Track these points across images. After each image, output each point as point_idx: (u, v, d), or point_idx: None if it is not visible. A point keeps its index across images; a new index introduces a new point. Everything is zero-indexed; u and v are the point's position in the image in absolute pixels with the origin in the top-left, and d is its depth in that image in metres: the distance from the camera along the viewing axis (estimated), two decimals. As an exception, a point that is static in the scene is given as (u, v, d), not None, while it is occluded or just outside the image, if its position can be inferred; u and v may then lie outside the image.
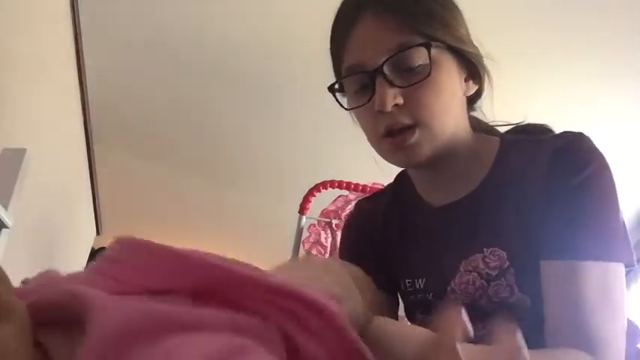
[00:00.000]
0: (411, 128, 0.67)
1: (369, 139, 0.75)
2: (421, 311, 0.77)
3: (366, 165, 1.03)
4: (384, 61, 0.66)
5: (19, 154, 1.23)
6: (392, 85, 0.66)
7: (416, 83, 0.66)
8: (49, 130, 1.76)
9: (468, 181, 0.74)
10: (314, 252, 1.99)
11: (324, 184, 2.00)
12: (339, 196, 2.03)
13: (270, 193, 3.20)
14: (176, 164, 2.99)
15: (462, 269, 0.71)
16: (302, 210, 2.01)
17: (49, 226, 1.95)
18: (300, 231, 2.01)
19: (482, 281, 0.69)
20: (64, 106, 1.99)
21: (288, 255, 2.01)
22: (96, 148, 2.57)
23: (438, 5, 0.70)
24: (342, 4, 0.76)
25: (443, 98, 0.68)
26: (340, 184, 1.99)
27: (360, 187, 1.99)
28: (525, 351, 0.37)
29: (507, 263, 0.67)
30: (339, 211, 1.99)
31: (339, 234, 2.01)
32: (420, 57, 0.66)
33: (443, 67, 0.68)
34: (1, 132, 1.27)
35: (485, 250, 0.69)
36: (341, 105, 0.77)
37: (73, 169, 2.28)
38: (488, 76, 0.75)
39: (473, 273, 0.69)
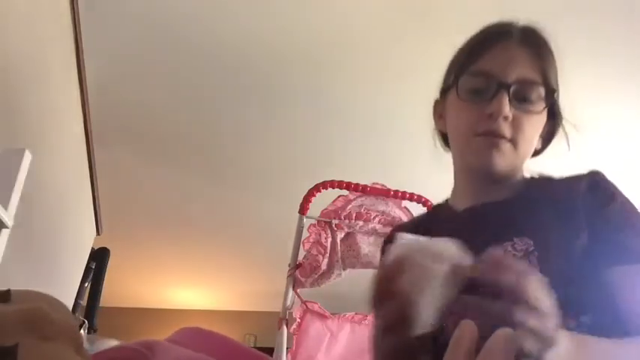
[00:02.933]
0: (504, 139, 0.78)
1: (458, 134, 0.84)
2: None
3: (366, 165, 1.03)
4: (514, 82, 0.78)
5: (19, 154, 1.23)
6: (511, 104, 0.78)
7: (528, 113, 0.79)
8: (49, 130, 1.77)
9: (495, 194, 0.85)
10: (314, 252, 1.99)
11: (324, 184, 2.00)
12: (339, 196, 2.03)
13: (271, 193, 3.20)
14: (176, 164, 2.99)
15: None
16: (302, 210, 2.01)
17: (49, 226, 1.95)
18: (300, 231, 2.01)
19: None
20: (64, 106, 2.00)
21: (288, 255, 2.01)
22: (96, 148, 2.57)
23: (554, 59, 0.84)
24: (492, 25, 0.87)
25: (535, 135, 0.82)
26: (340, 184, 1.99)
27: (360, 187, 1.99)
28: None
29: (532, 247, 0.75)
30: (339, 211, 1.99)
31: (339, 234, 2.01)
32: (537, 96, 0.80)
33: (543, 115, 0.81)
34: (1, 132, 1.27)
35: (515, 238, 0.76)
36: (450, 88, 0.87)
37: (73, 169, 2.28)
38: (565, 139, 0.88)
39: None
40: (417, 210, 2.05)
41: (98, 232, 3.05)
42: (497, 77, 0.79)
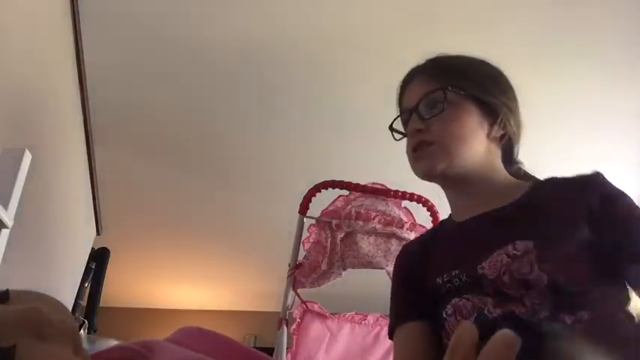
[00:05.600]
0: (429, 144, 0.91)
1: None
2: (457, 296, 0.84)
3: (366, 165, 1.04)
4: (417, 103, 0.94)
5: (19, 154, 1.23)
6: (420, 117, 0.93)
7: (433, 116, 0.91)
8: (49, 130, 1.77)
9: (495, 203, 0.90)
10: (314, 252, 1.99)
11: (324, 184, 2.00)
12: (339, 196, 2.03)
13: (270, 193, 3.20)
14: (176, 164, 2.99)
15: (494, 254, 0.82)
16: (302, 210, 2.01)
17: (49, 226, 1.95)
18: (300, 231, 2.01)
19: (509, 259, 0.80)
20: (64, 106, 2.00)
21: (288, 255, 2.01)
22: (96, 148, 2.57)
23: (462, 64, 0.98)
24: (407, 73, 1.04)
25: (459, 130, 0.91)
26: (340, 184, 1.99)
27: (360, 187, 1.99)
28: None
29: (532, 247, 0.79)
30: (339, 211, 1.98)
31: (339, 234, 2.01)
32: (439, 99, 0.92)
33: (459, 107, 0.92)
34: (1, 132, 1.27)
35: (517, 241, 0.81)
36: (399, 134, 1.05)
37: (73, 169, 2.28)
38: (517, 127, 0.96)
39: (502, 254, 0.81)
40: (417, 210, 2.05)
41: (98, 232, 3.05)
42: (407, 108, 0.97)
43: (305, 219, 2.01)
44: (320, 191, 2.01)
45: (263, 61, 2.29)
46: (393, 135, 1.04)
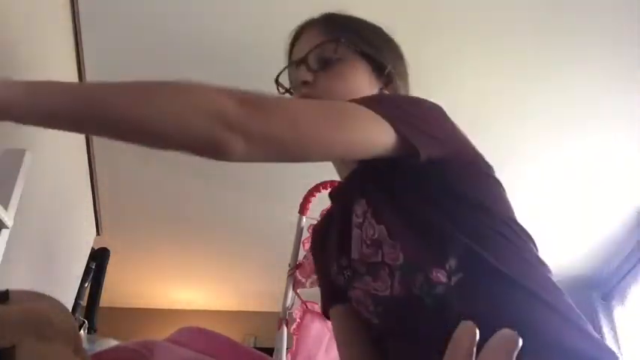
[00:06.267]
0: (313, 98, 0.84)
1: None
2: (349, 287, 0.83)
3: (365, 165, 1.03)
4: (307, 53, 0.90)
5: (19, 154, 1.23)
6: (308, 69, 0.88)
7: (322, 70, 0.87)
8: (49, 130, 1.76)
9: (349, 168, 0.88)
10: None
11: (324, 185, 2.00)
12: (339, 196, 2.03)
13: (271, 193, 3.20)
14: (176, 164, 2.99)
15: (353, 233, 0.81)
16: (302, 210, 2.01)
17: (49, 226, 1.95)
18: (300, 231, 2.01)
19: (358, 230, 0.79)
20: (64, 106, 1.99)
21: (288, 255, 2.01)
22: (96, 148, 2.57)
23: (356, 22, 0.96)
24: (299, 25, 1.01)
25: (348, 87, 0.86)
26: (340, 184, 1.99)
27: (360, 187, 1.99)
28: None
29: (365, 205, 0.79)
30: (339, 211, 1.99)
31: (339, 234, 2.01)
32: (330, 53, 0.88)
33: (350, 63, 0.89)
34: (1, 132, 1.27)
35: (355, 205, 0.81)
36: (283, 88, 1.01)
37: (73, 169, 2.28)
38: (405, 92, 0.94)
39: (355, 229, 0.80)
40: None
41: (98, 232, 3.05)
42: (294, 60, 0.93)
43: (305, 219, 2.01)
44: (320, 191, 2.01)
45: (263, 61, 2.28)
46: (278, 89, 0.98)
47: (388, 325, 0.76)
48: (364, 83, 0.88)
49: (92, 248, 2.87)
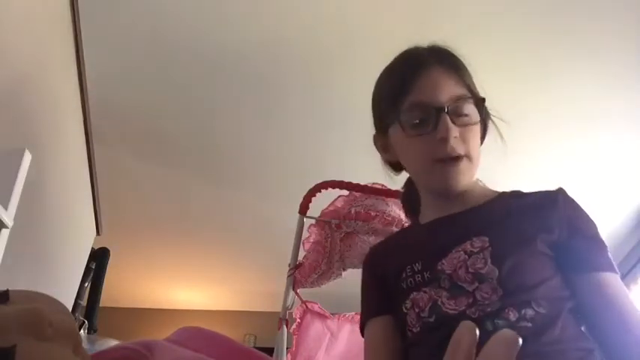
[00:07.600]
0: (460, 158, 0.85)
1: (417, 164, 0.91)
2: (415, 290, 0.87)
3: (366, 165, 1.03)
4: (447, 102, 0.84)
5: (19, 154, 1.23)
6: (453, 122, 0.84)
7: (468, 125, 0.85)
8: (49, 130, 1.76)
9: (461, 207, 0.91)
10: (314, 252, 1.99)
11: (324, 184, 2.00)
12: (339, 196, 2.03)
13: (271, 193, 3.20)
14: (176, 164, 2.99)
15: (453, 251, 0.85)
16: (302, 210, 2.01)
17: (49, 226, 1.95)
18: (300, 231, 2.01)
19: (466, 256, 0.83)
20: (64, 106, 2.00)
21: (288, 255, 2.01)
22: (96, 148, 2.57)
23: (467, 70, 0.92)
24: (405, 53, 0.95)
25: (479, 143, 0.89)
26: (340, 184, 1.99)
27: (360, 187, 1.99)
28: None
29: (488, 244, 0.82)
30: (339, 211, 1.98)
31: (339, 234, 2.01)
32: (470, 108, 0.86)
33: (477, 127, 0.89)
34: (1, 132, 1.27)
35: (474, 237, 0.84)
36: (382, 130, 0.96)
37: (73, 169, 2.28)
38: (486, 127, 0.95)
39: (460, 251, 0.84)
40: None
41: (98, 232, 3.05)
42: (432, 104, 0.85)
43: (305, 219, 2.01)
44: (320, 191, 2.00)
45: (263, 61, 2.28)
46: (402, 129, 0.87)
47: (425, 335, 0.83)
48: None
49: (92, 248, 2.87)
